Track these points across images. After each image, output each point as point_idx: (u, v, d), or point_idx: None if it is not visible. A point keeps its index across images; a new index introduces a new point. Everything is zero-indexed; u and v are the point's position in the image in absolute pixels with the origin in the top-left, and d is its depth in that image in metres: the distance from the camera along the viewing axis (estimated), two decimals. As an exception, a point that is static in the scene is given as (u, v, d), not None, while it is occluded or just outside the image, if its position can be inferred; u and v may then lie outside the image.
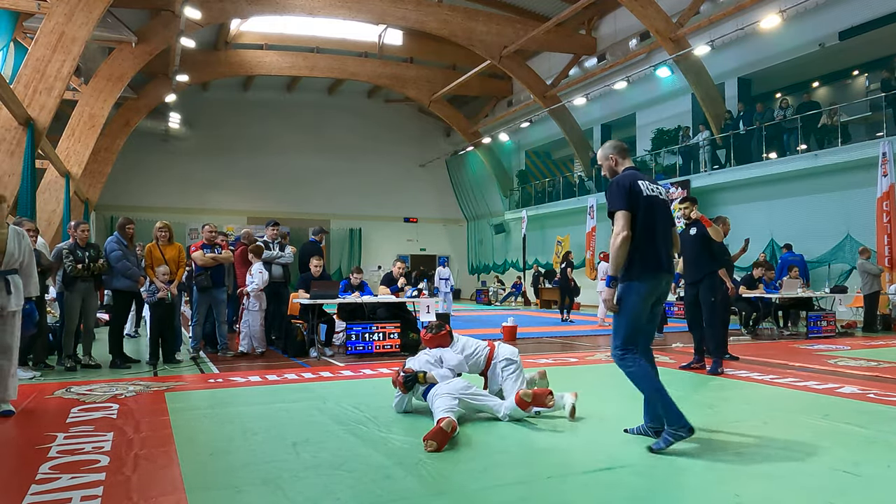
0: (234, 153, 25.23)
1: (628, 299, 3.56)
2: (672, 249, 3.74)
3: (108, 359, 7.11)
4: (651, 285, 3.57)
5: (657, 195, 3.65)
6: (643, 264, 3.53)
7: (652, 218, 3.57)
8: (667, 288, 3.72)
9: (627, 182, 3.58)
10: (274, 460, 3.39)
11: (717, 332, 6.56)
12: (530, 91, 21.91)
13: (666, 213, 3.70)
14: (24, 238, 4.74)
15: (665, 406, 3.48)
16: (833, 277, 13.35)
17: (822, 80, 16.65)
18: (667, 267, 3.63)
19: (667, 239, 3.67)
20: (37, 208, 9.96)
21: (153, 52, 16.10)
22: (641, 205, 3.54)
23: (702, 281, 6.52)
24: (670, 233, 3.73)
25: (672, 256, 3.72)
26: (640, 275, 3.53)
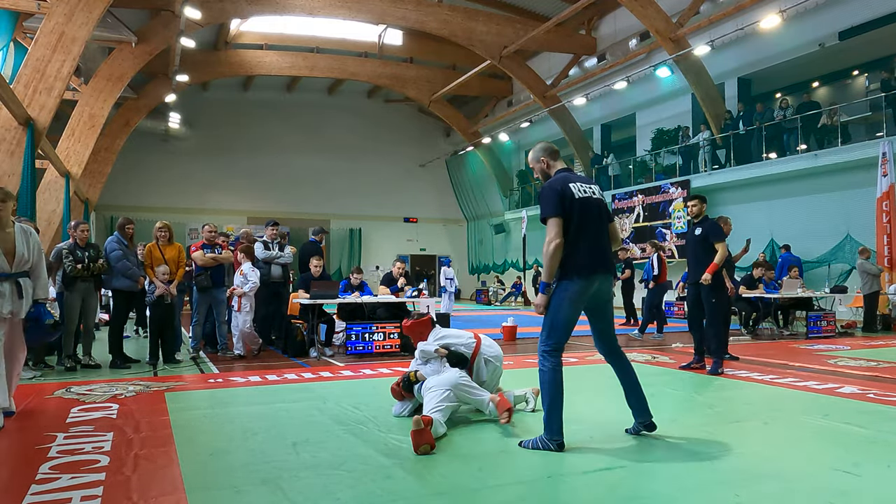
0: (234, 153, 25.23)
1: (555, 298, 3.57)
2: (610, 247, 3.74)
3: (108, 359, 7.12)
4: (581, 286, 3.54)
5: (590, 196, 3.65)
6: (574, 265, 3.52)
7: (585, 220, 3.57)
8: (605, 287, 3.68)
9: (559, 186, 3.58)
10: (274, 460, 3.39)
11: (718, 332, 6.55)
12: (530, 91, 21.91)
13: (600, 213, 3.68)
14: (31, 236, 4.41)
15: (553, 416, 3.52)
16: (833, 277, 13.35)
17: (822, 80, 16.65)
18: (602, 267, 3.61)
19: (601, 238, 3.66)
20: (37, 208, 9.96)
21: (153, 52, 16.10)
22: (574, 208, 3.54)
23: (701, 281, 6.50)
24: (605, 232, 3.71)
25: (609, 255, 3.71)
26: (571, 275, 3.53)
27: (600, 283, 3.62)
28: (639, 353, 8.16)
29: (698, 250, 6.58)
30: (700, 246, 6.57)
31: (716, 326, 6.55)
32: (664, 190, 17.83)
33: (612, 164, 20.53)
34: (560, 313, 3.56)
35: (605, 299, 3.73)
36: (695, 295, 6.66)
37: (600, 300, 3.70)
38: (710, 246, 6.52)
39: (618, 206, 19.68)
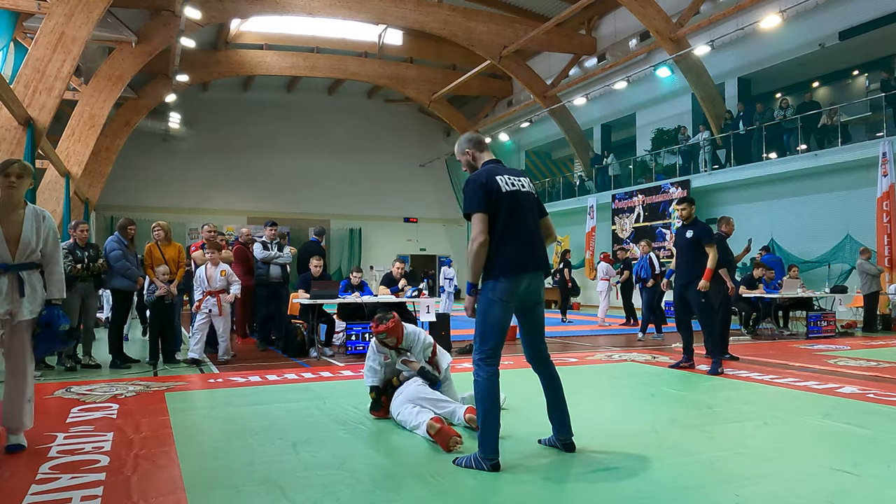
0: (234, 153, 25.23)
1: (483, 300, 3.30)
2: (542, 244, 3.45)
3: (108, 359, 7.12)
4: (509, 285, 3.26)
5: (518, 189, 3.36)
6: (502, 264, 3.25)
7: (512, 215, 3.29)
8: (535, 287, 3.40)
9: (483, 179, 3.31)
10: (274, 460, 3.39)
11: (714, 332, 6.54)
12: (530, 91, 21.91)
13: (530, 207, 3.40)
14: (45, 220, 3.66)
15: (489, 432, 3.20)
16: (833, 277, 13.35)
17: (822, 80, 16.65)
18: (532, 265, 3.33)
19: (530, 234, 3.37)
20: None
21: (153, 52, 16.09)
22: (501, 202, 3.27)
23: (692, 282, 6.50)
24: (535, 227, 3.43)
25: (541, 251, 3.42)
26: (498, 275, 3.25)
27: (529, 282, 3.33)
28: (639, 353, 8.17)
29: (690, 252, 6.58)
30: (692, 248, 6.57)
31: (710, 327, 6.53)
32: (664, 190, 17.83)
33: (612, 164, 20.52)
34: (490, 316, 3.28)
35: (535, 301, 3.44)
36: (681, 295, 6.67)
37: (529, 301, 3.40)
38: (703, 248, 6.53)
39: (618, 206, 19.68)
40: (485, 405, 3.23)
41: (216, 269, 7.24)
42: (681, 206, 6.83)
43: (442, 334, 8.28)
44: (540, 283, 3.43)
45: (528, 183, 3.49)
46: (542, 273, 3.43)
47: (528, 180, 3.52)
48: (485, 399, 3.24)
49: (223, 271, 7.26)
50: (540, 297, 3.48)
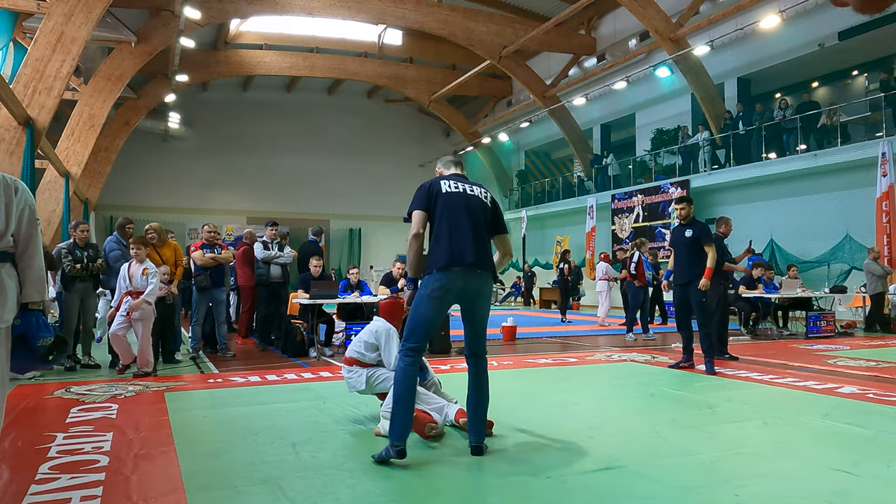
0: (234, 153, 25.24)
1: (418, 294, 3.40)
2: (483, 244, 3.44)
3: (107, 359, 7.11)
4: (442, 281, 3.32)
5: (462, 191, 3.47)
6: (433, 259, 3.36)
7: (449, 213, 3.40)
8: (472, 285, 3.40)
9: (428, 183, 3.51)
10: (274, 460, 3.38)
11: (710, 332, 6.56)
12: (530, 91, 21.91)
13: (473, 209, 3.46)
14: (19, 193, 2.73)
15: (396, 419, 3.27)
16: (832, 277, 13.35)
17: (821, 80, 16.66)
18: (461, 260, 3.34)
19: (466, 232, 3.39)
20: (36, 208, 9.93)
21: (153, 52, 16.10)
22: (440, 202, 3.42)
23: (692, 282, 6.53)
24: (480, 228, 3.45)
25: (480, 251, 3.40)
26: (430, 269, 3.36)
27: (465, 278, 3.35)
28: (639, 353, 8.17)
29: (690, 252, 6.60)
30: (692, 247, 6.60)
31: (707, 326, 6.55)
32: (664, 190, 17.83)
33: (611, 164, 20.53)
34: (419, 310, 3.37)
35: (473, 297, 3.45)
36: (682, 295, 6.69)
37: (466, 296, 3.43)
38: (702, 247, 6.55)
39: (617, 206, 19.69)
40: (397, 391, 3.31)
41: (139, 266, 6.37)
42: (679, 205, 6.85)
43: (442, 334, 8.28)
44: (479, 280, 3.41)
45: (481, 192, 3.57)
46: (482, 271, 3.41)
47: (484, 191, 3.61)
48: (399, 386, 3.32)
49: (145, 269, 6.37)
50: (479, 294, 3.47)
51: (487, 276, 3.45)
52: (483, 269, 3.41)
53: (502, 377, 6.46)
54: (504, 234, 3.65)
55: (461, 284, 3.36)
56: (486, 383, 3.56)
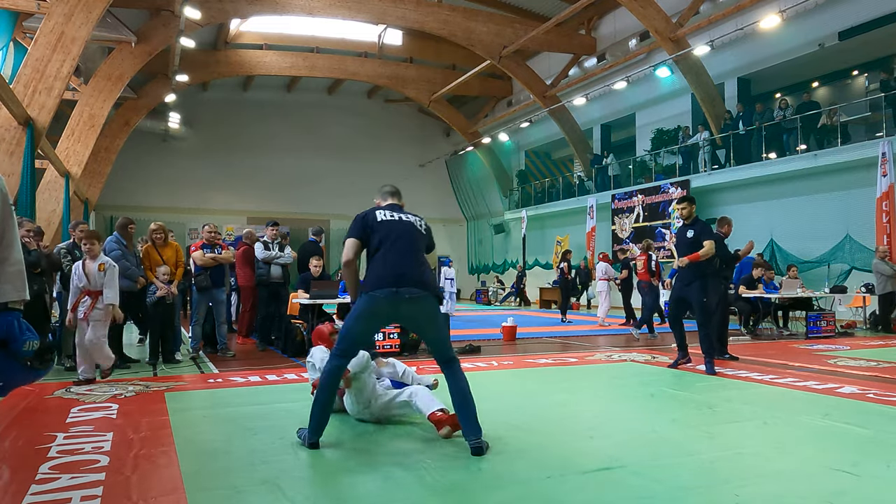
0: (234, 153, 25.23)
1: (352, 309, 3.67)
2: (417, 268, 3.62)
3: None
4: (369, 304, 3.55)
5: (397, 220, 3.72)
6: (365, 282, 3.61)
7: (383, 241, 3.63)
8: (402, 310, 3.59)
9: (364, 213, 3.75)
10: (274, 460, 3.39)
11: (710, 333, 6.57)
12: (530, 91, 21.91)
13: (408, 236, 3.69)
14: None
15: (316, 414, 3.58)
16: (832, 277, 13.36)
17: (821, 80, 16.65)
18: (390, 285, 3.51)
19: (398, 258, 3.59)
20: (36, 208, 9.96)
21: (153, 52, 16.10)
22: (375, 230, 3.66)
23: (693, 282, 6.55)
24: (409, 254, 3.64)
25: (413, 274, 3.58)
26: (362, 291, 3.61)
27: (392, 304, 3.53)
28: (639, 353, 8.17)
29: (692, 252, 6.61)
30: (693, 247, 6.61)
31: (707, 327, 6.56)
32: (664, 190, 17.83)
33: (611, 164, 20.53)
34: (348, 324, 3.65)
35: (410, 318, 3.70)
36: (679, 293, 6.74)
37: (402, 319, 3.72)
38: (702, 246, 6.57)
39: (617, 206, 19.69)
40: (321, 389, 3.62)
41: (94, 262, 5.89)
42: (681, 205, 6.88)
43: (442, 334, 8.27)
44: (411, 304, 3.56)
45: (417, 220, 3.82)
46: (417, 294, 3.55)
47: (419, 219, 3.85)
48: (322, 386, 3.62)
49: (102, 265, 5.87)
50: (420, 316, 3.65)
51: (423, 298, 3.59)
52: (418, 290, 3.56)
53: (502, 377, 6.47)
54: (430, 251, 3.90)
55: (388, 310, 3.58)
56: (465, 385, 3.64)
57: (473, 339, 9.35)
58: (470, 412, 3.56)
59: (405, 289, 3.52)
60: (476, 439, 3.49)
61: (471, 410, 3.57)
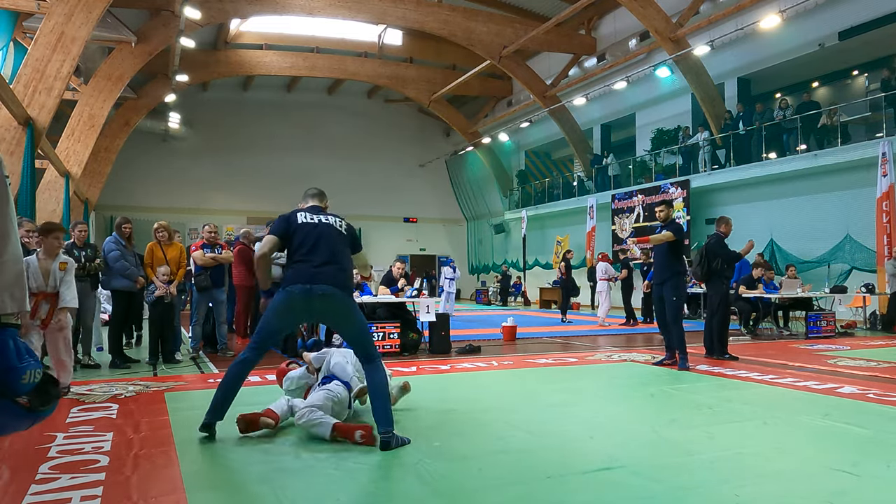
0: (234, 153, 25.22)
1: (269, 304, 3.85)
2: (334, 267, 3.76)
3: (107, 359, 7.11)
4: (284, 298, 3.74)
5: (317, 222, 3.89)
6: (287, 279, 3.78)
7: (302, 241, 3.81)
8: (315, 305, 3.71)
9: (287, 214, 3.97)
10: (274, 460, 3.39)
11: (680, 329, 6.83)
12: (530, 91, 21.91)
13: (325, 236, 3.85)
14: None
15: (216, 399, 3.83)
16: (833, 277, 13.36)
17: (821, 80, 16.65)
18: (303, 282, 3.69)
19: (315, 258, 3.75)
20: (36, 208, 9.96)
21: (153, 52, 16.09)
22: (296, 232, 3.84)
23: (667, 281, 6.87)
24: (330, 253, 3.80)
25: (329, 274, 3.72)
26: (282, 286, 3.79)
27: (306, 299, 3.69)
28: (639, 353, 8.17)
29: (666, 252, 6.97)
30: (668, 249, 6.95)
31: (677, 325, 6.84)
32: (664, 190, 17.83)
33: (611, 164, 20.53)
34: (265, 318, 3.86)
35: (324, 314, 3.81)
36: (658, 293, 7.01)
37: (317, 315, 3.84)
38: (677, 248, 6.92)
39: (617, 206, 19.68)
40: (225, 377, 3.86)
41: (55, 261, 5.15)
42: (659, 208, 7.24)
43: (441, 334, 8.28)
44: (324, 300, 3.70)
45: (338, 221, 3.98)
46: (329, 290, 3.69)
47: (340, 220, 4.01)
48: (228, 373, 3.87)
49: (63, 263, 5.18)
50: (332, 311, 3.81)
51: (335, 295, 3.73)
52: (331, 288, 3.71)
53: (502, 377, 6.47)
54: (358, 252, 4.12)
55: (302, 305, 3.74)
56: (382, 380, 3.75)
57: (473, 339, 9.35)
58: (384, 405, 3.68)
59: (318, 286, 3.68)
60: (385, 431, 3.58)
61: (384, 404, 3.69)
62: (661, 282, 6.95)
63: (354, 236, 4.06)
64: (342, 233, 3.95)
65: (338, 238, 3.91)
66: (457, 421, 4.31)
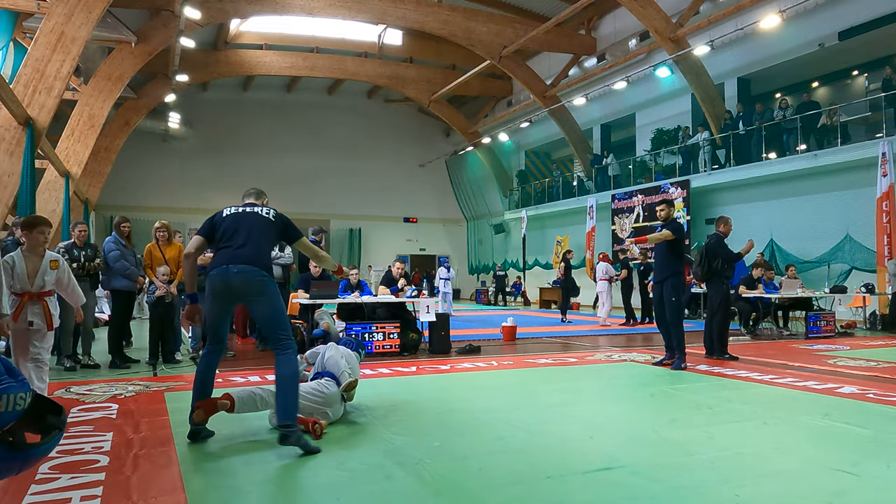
0: (234, 153, 25.22)
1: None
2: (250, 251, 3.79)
3: (107, 359, 7.11)
4: (210, 283, 3.81)
5: (241, 212, 3.97)
6: (209, 267, 3.85)
7: (227, 231, 3.88)
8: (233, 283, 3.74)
9: (212, 215, 4.04)
10: (274, 460, 3.39)
11: (680, 330, 6.84)
12: (530, 91, 21.91)
13: (245, 222, 3.90)
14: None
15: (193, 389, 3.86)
16: (832, 277, 13.36)
17: (821, 80, 16.65)
18: (225, 262, 3.76)
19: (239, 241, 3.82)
20: (36, 208, 9.95)
21: (153, 52, 16.09)
22: (220, 224, 3.92)
23: (666, 280, 6.89)
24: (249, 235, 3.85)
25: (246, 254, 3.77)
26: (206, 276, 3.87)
27: (224, 279, 3.76)
28: (639, 353, 8.17)
29: (665, 252, 6.96)
30: (667, 248, 6.94)
31: (677, 324, 6.86)
32: (664, 190, 17.82)
33: (611, 164, 20.53)
34: (204, 308, 3.93)
35: (241, 294, 3.81)
36: (658, 292, 7.02)
37: (236, 294, 3.83)
38: (676, 247, 6.89)
39: (617, 206, 19.68)
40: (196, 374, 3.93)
41: (43, 259, 4.57)
42: (660, 206, 7.18)
43: (441, 334, 8.28)
44: (240, 277, 3.74)
45: (264, 210, 4.03)
46: (243, 269, 3.74)
47: (267, 209, 4.05)
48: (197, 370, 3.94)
49: (55, 262, 4.65)
50: (247, 291, 3.79)
51: (250, 272, 3.75)
52: (246, 266, 3.75)
53: (502, 377, 6.47)
54: (299, 239, 4.12)
55: (222, 287, 3.79)
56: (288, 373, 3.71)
57: (473, 339, 9.35)
58: (285, 399, 3.67)
59: (234, 265, 3.75)
60: (284, 426, 3.55)
61: (287, 398, 3.67)
62: (661, 280, 6.98)
63: (286, 224, 4.06)
64: (269, 220, 3.97)
65: (261, 223, 3.93)
66: (457, 421, 4.31)
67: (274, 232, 3.99)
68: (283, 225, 4.04)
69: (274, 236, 4.01)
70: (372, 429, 4.09)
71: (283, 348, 3.75)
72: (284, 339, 3.77)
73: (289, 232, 4.07)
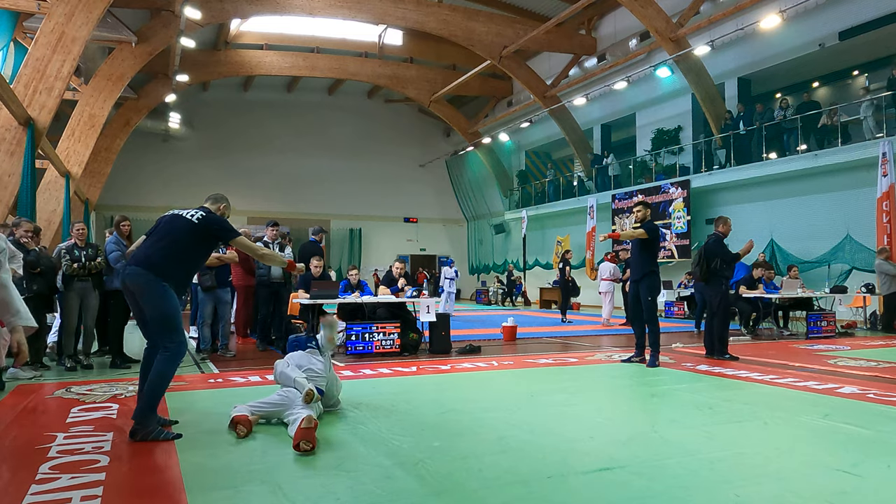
0: (234, 153, 25.24)
1: None
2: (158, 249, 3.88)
3: (107, 359, 7.11)
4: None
5: (169, 216, 4.07)
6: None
7: (150, 231, 4.05)
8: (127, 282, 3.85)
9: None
10: (274, 460, 3.39)
11: (656, 329, 6.98)
12: (530, 91, 21.91)
13: (165, 226, 3.99)
14: None
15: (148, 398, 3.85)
16: (833, 277, 13.35)
17: (822, 80, 16.65)
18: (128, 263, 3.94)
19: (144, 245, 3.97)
20: (37, 208, 9.95)
21: (153, 52, 16.10)
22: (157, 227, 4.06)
23: (642, 280, 6.98)
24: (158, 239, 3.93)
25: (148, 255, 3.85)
26: None
27: (122, 279, 3.93)
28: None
29: (641, 252, 7.06)
30: (642, 248, 7.05)
31: (653, 323, 6.98)
32: (664, 190, 17.83)
33: (612, 164, 20.53)
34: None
35: (132, 292, 3.86)
36: (634, 291, 7.13)
37: (130, 292, 3.88)
38: (650, 247, 7.00)
39: (618, 206, 19.68)
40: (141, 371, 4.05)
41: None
42: (637, 207, 7.30)
43: (442, 334, 8.28)
44: (130, 277, 3.84)
45: (193, 213, 4.04)
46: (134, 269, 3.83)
47: (198, 213, 4.05)
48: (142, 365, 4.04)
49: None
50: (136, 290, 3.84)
51: (138, 274, 3.82)
52: (135, 267, 3.84)
53: (502, 377, 6.47)
54: (234, 239, 4.11)
55: (122, 285, 3.96)
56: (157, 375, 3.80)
57: (473, 339, 9.35)
58: (148, 397, 3.79)
59: (129, 266, 3.88)
60: (136, 423, 3.75)
61: (149, 397, 3.79)
62: (637, 280, 7.09)
63: (210, 226, 4.01)
64: (190, 223, 3.97)
65: (178, 227, 3.97)
66: (457, 421, 4.31)
67: (194, 235, 3.96)
68: (205, 228, 4.00)
69: (194, 240, 3.97)
70: (372, 429, 4.09)
71: (163, 350, 3.83)
72: (168, 342, 3.82)
73: (218, 234, 4.08)
